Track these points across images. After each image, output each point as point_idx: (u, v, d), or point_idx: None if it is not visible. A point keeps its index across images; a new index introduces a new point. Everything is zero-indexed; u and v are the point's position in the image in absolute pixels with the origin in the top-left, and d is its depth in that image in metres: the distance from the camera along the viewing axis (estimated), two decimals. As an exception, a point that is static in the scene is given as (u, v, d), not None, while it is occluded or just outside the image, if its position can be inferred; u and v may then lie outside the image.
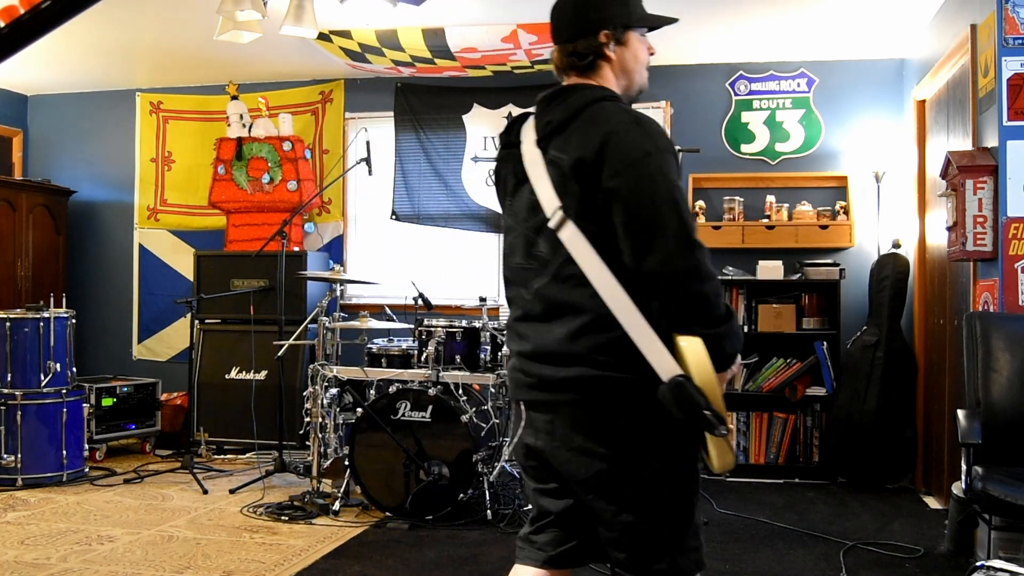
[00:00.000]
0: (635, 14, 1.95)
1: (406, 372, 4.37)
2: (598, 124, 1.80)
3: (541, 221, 1.84)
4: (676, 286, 1.72)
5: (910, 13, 4.71)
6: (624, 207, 1.74)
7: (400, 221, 6.16)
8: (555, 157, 1.83)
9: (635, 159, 1.75)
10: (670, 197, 1.73)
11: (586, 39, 1.90)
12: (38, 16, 1.09)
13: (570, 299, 1.81)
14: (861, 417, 4.93)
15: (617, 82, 1.94)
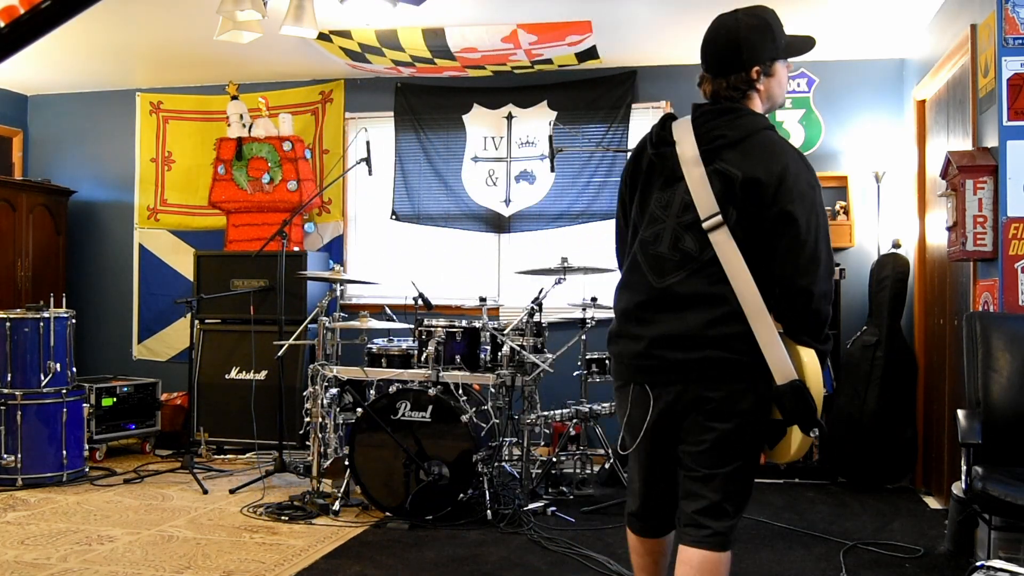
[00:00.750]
0: (781, 46, 2.23)
1: (406, 372, 4.37)
2: (776, 154, 2.09)
3: (693, 219, 2.10)
4: (812, 303, 2.06)
5: (910, 13, 4.71)
6: (796, 231, 2.04)
7: (400, 221, 6.16)
8: (724, 169, 2.09)
9: (807, 193, 2.06)
10: (826, 231, 2.09)
11: (738, 75, 2.19)
12: (38, 16, 1.09)
13: (710, 292, 2.08)
14: (861, 417, 4.93)
15: (762, 106, 2.23)
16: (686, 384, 2.11)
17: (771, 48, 2.20)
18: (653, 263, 2.18)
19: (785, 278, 2.06)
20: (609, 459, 4.89)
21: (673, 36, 5.24)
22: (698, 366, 2.08)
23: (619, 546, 3.75)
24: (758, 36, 2.21)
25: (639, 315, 2.18)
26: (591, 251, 5.61)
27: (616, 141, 5.79)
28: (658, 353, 2.12)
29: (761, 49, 2.19)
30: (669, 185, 2.18)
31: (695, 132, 2.16)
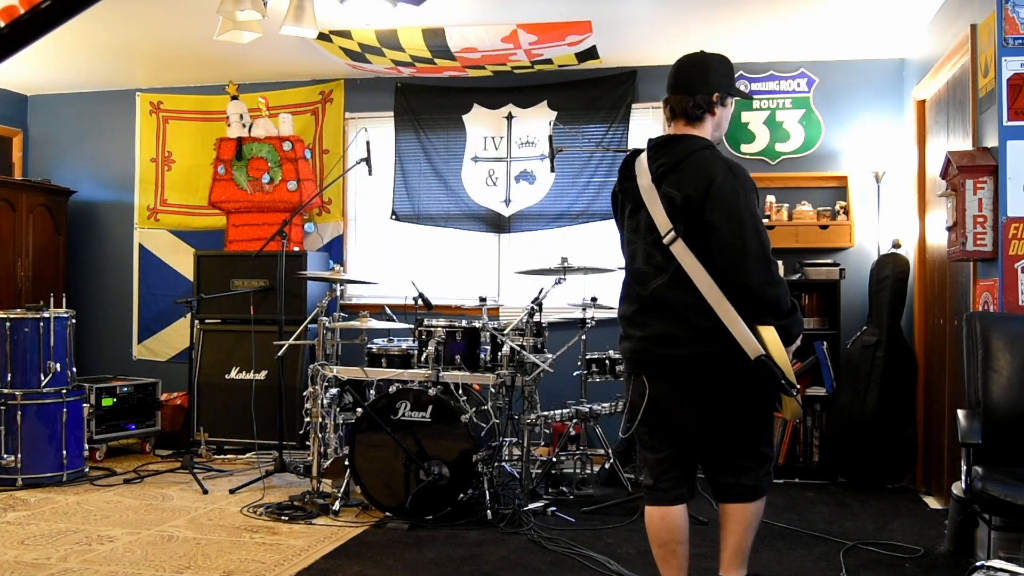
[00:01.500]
0: (734, 88, 2.73)
1: (406, 372, 4.37)
2: (703, 170, 2.52)
3: (657, 237, 2.57)
4: (756, 293, 2.49)
5: (910, 13, 4.71)
6: (719, 235, 2.47)
7: (400, 221, 6.16)
8: (668, 192, 2.54)
9: (729, 198, 2.47)
10: (753, 227, 2.48)
11: (704, 95, 2.62)
12: (38, 16, 1.09)
13: (682, 297, 2.53)
14: (861, 417, 4.93)
15: (712, 133, 2.67)
16: (679, 375, 2.58)
17: (728, 83, 2.69)
18: (637, 276, 2.66)
19: (724, 276, 2.49)
20: (609, 459, 4.89)
21: (673, 36, 5.24)
22: (689, 361, 2.55)
23: (619, 546, 3.75)
24: (724, 69, 2.70)
25: (635, 320, 2.66)
26: (591, 251, 5.62)
27: (616, 141, 5.79)
28: (650, 349, 2.61)
29: (723, 80, 2.67)
30: (636, 212, 2.67)
31: (648, 163, 2.62)
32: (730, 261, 2.47)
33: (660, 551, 2.69)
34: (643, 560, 3.56)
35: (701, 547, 3.76)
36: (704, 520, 4.15)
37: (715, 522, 4.14)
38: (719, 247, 2.47)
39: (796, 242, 5.35)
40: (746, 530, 2.73)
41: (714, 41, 5.32)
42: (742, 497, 2.69)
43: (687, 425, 2.63)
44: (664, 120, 2.75)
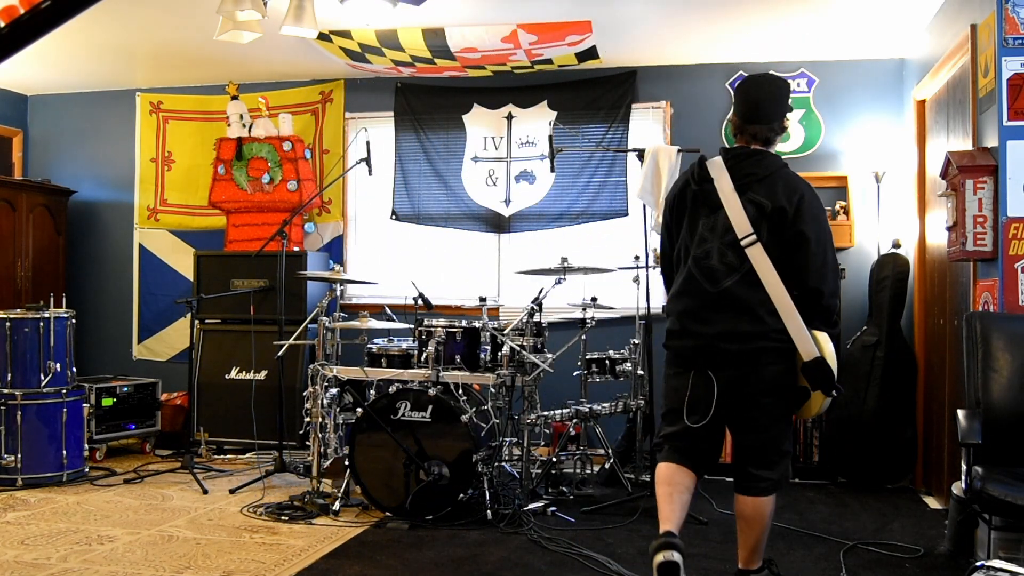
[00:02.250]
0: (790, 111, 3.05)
1: (406, 372, 4.37)
2: (793, 186, 2.82)
3: (733, 238, 2.81)
4: (825, 299, 2.79)
5: (910, 13, 4.71)
6: (810, 247, 2.76)
7: (400, 221, 6.16)
8: (756, 199, 2.81)
9: (818, 216, 2.81)
10: (832, 243, 2.84)
11: (779, 121, 2.95)
12: (38, 16, 1.09)
13: (753, 295, 2.78)
14: (861, 417, 4.93)
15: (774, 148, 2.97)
16: (739, 369, 2.80)
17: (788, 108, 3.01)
18: (707, 274, 2.86)
19: (803, 282, 2.76)
20: (609, 459, 4.89)
21: (673, 36, 5.24)
22: (751, 355, 2.78)
23: (619, 546, 3.75)
24: (788, 95, 3.01)
25: (700, 315, 2.86)
26: (591, 251, 5.62)
27: (616, 141, 5.79)
28: (716, 345, 2.82)
29: (788, 104, 2.99)
30: (712, 212, 2.88)
31: (728, 171, 2.86)
32: (817, 270, 2.76)
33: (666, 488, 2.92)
34: (643, 560, 3.56)
35: (701, 547, 3.76)
36: (704, 520, 4.15)
37: (715, 522, 4.16)
38: (806, 257, 2.76)
39: (796, 242, 5.34)
40: (767, 525, 2.91)
41: (714, 41, 5.33)
42: (767, 490, 2.86)
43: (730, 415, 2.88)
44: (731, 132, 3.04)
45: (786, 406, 2.86)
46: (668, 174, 5.27)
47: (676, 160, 5.18)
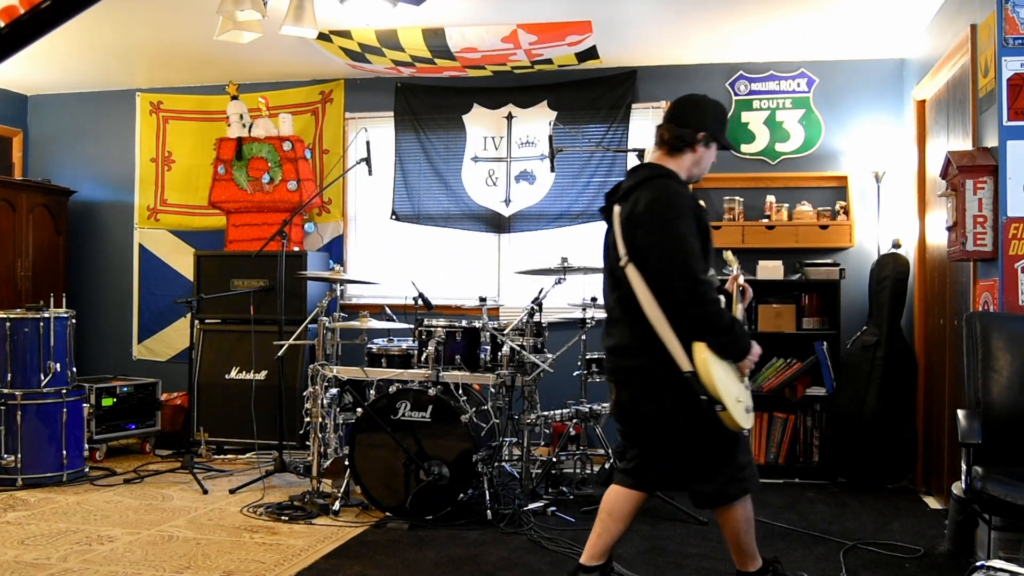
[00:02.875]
0: (723, 135, 2.92)
1: (406, 372, 4.37)
2: (646, 194, 2.71)
3: (617, 256, 2.79)
4: (683, 312, 2.65)
5: (910, 13, 4.71)
6: (650, 258, 2.68)
7: (400, 221, 6.16)
8: (622, 212, 2.78)
9: (662, 222, 2.66)
10: (677, 250, 2.63)
11: (691, 130, 2.81)
12: (38, 16, 1.09)
13: (630, 314, 2.74)
14: (861, 417, 4.93)
15: (689, 169, 2.86)
16: (628, 383, 2.82)
17: (718, 129, 2.86)
18: (605, 290, 2.93)
19: (657, 296, 2.68)
20: (609, 459, 4.89)
21: (673, 36, 5.24)
22: (633, 371, 2.78)
23: (619, 546, 3.74)
24: (718, 115, 2.89)
25: (605, 329, 2.94)
26: (591, 251, 5.61)
27: (616, 141, 5.79)
28: (610, 358, 2.90)
29: (714, 124, 2.85)
30: (608, 230, 2.91)
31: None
32: (658, 282, 2.67)
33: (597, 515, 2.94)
34: (643, 560, 3.56)
35: (701, 547, 3.76)
36: (704, 520, 4.15)
37: (715, 522, 4.15)
38: (650, 268, 2.68)
39: (796, 242, 5.35)
40: (740, 530, 2.86)
41: (714, 41, 5.33)
42: (705, 503, 2.86)
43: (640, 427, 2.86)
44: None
45: (696, 419, 2.70)
46: (668, 174, 5.25)
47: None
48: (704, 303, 2.64)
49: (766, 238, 5.39)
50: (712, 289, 2.67)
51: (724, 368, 2.69)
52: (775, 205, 5.47)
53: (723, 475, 2.78)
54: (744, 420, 2.72)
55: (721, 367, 2.67)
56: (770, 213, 5.47)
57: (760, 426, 5.32)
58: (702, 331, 2.64)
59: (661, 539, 3.87)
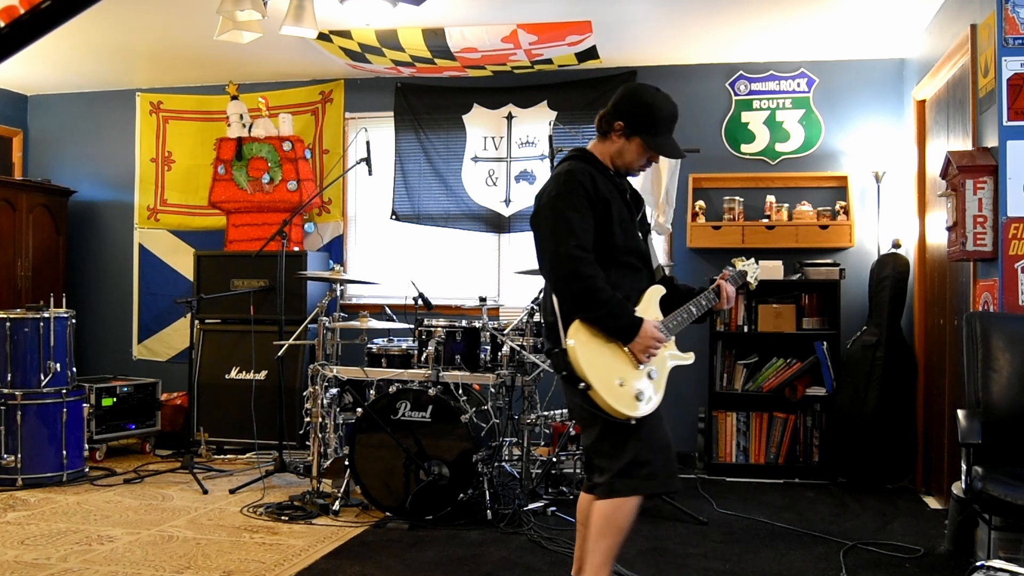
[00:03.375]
0: (651, 136, 2.69)
1: (406, 372, 4.37)
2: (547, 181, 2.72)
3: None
4: (557, 288, 2.60)
5: (910, 13, 4.71)
6: (536, 239, 2.65)
7: (400, 221, 6.16)
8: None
9: (549, 203, 2.62)
10: (552, 224, 2.58)
11: (613, 117, 2.69)
12: (38, 16, 1.09)
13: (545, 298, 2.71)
14: (861, 417, 4.93)
15: (611, 157, 2.73)
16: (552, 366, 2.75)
17: (644, 126, 2.68)
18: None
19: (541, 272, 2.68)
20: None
21: (673, 36, 5.24)
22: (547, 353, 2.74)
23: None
24: (654, 113, 2.68)
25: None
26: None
27: (616, 141, 5.78)
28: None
29: (638, 118, 2.68)
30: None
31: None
32: (544, 263, 2.62)
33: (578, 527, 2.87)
34: (643, 560, 3.56)
35: (701, 547, 3.76)
36: (704, 520, 4.15)
37: (715, 522, 4.16)
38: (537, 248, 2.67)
39: (796, 242, 5.35)
40: (595, 531, 2.64)
41: (714, 41, 5.33)
42: (593, 490, 2.69)
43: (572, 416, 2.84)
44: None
45: (586, 405, 2.58)
46: (668, 174, 5.27)
47: (676, 160, 5.17)
48: (573, 278, 2.54)
49: (766, 238, 5.39)
50: (586, 264, 2.53)
51: (609, 349, 2.56)
52: (775, 205, 5.47)
53: (613, 469, 2.59)
54: (625, 406, 2.54)
55: (602, 347, 2.56)
56: (770, 213, 5.47)
57: (760, 426, 5.32)
58: (574, 307, 2.56)
59: (661, 539, 3.87)
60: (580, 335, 2.55)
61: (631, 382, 2.57)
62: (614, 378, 2.55)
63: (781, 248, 5.38)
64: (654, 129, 2.68)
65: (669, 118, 2.71)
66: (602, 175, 2.68)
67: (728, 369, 5.42)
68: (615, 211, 2.65)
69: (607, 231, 2.63)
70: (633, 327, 2.56)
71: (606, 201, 2.63)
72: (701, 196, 5.60)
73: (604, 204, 2.62)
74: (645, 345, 2.57)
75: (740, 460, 5.34)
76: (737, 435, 5.34)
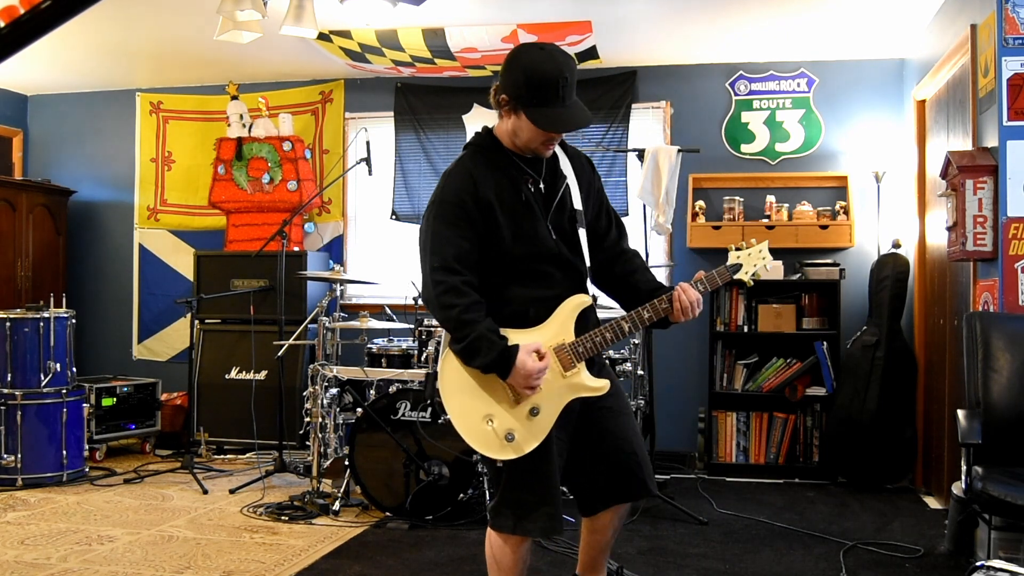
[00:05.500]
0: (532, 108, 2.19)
1: (406, 372, 4.37)
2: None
3: None
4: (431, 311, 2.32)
5: (910, 13, 4.71)
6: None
7: (400, 221, 6.16)
8: None
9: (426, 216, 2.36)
10: (423, 242, 2.33)
11: (499, 91, 2.25)
12: (38, 16, 1.09)
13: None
14: (861, 417, 4.93)
15: (509, 136, 2.30)
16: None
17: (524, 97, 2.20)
18: None
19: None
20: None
21: (673, 36, 5.24)
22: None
23: (619, 546, 3.75)
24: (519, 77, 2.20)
25: None
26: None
27: (616, 141, 5.79)
28: None
29: (517, 88, 2.21)
30: None
31: None
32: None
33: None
34: (643, 560, 3.56)
35: (701, 547, 3.77)
36: (704, 520, 4.15)
37: (715, 522, 4.16)
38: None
39: (796, 242, 5.35)
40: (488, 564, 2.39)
41: (714, 41, 5.33)
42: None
43: None
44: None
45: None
46: (668, 174, 5.27)
47: (676, 160, 5.18)
48: (435, 307, 2.25)
49: (766, 238, 5.32)
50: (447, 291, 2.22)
51: (484, 380, 2.22)
52: (775, 205, 5.47)
53: (495, 498, 2.33)
54: (489, 448, 2.21)
55: (475, 377, 2.23)
56: (770, 213, 5.47)
57: (760, 426, 5.32)
58: (449, 334, 2.27)
59: (661, 539, 3.87)
60: (453, 360, 2.26)
61: (502, 421, 2.21)
62: (480, 415, 2.22)
63: (781, 248, 5.33)
64: (532, 98, 2.18)
65: (550, 82, 2.16)
66: (493, 166, 2.29)
67: (728, 369, 5.42)
68: (502, 214, 2.25)
69: (494, 238, 2.25)
70: (503, 361, 2.16)
71: (488, 205, 2.24)
72: (701, 196, 5.60)
73: (485, 208, 2.24)
74: (521, 380, 2.17)
75: (740, 460, 5.34)
76: (737, 435, 5.34)
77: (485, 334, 2.18)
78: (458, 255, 2.24)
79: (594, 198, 2.45)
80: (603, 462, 2.36)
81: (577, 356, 2.23)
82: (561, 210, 2.33)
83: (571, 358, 2.23)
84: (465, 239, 2.25)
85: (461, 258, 2.24)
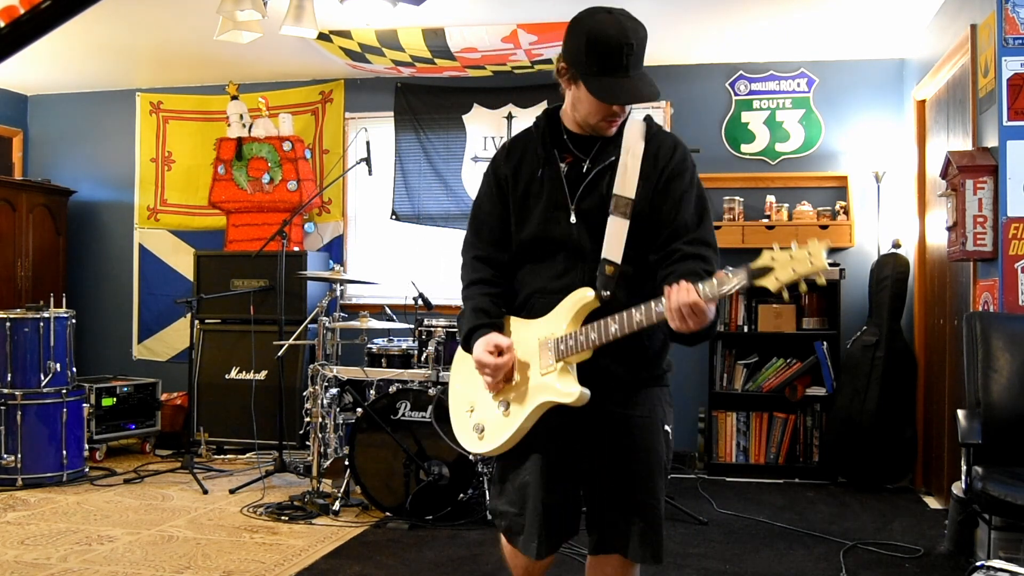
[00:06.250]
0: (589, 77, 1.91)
1: (406, 372, 4.37)
2: None
3: None
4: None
5: (910, 13, 4.71)
6: None
7: (400, 221, 6.16)
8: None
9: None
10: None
11: (559, 60, 1.98)
12: (38, 16, 1.09)
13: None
14: (861, 417, 4.93)
15: (570, 111, 2.03)
16: None
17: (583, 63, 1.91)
18: None
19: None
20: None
21: (673, 36, 5.24)
22: None
23: (619, 546, 3.75)
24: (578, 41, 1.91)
25: None
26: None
27: (616, 141, 5.78)
28: None
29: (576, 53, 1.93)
30: None
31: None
32: None
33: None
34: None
35: (701, 547, 3.77)
36: (704, 520, 4.15)
37: (715, 522, 4.16)
38: None
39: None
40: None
41: (714, 41, 5.33)
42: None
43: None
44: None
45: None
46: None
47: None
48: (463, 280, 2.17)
49: (766, 238, 5.38)
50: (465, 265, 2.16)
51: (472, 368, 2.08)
52: (775, 205, 5.47)
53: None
54: (463, 438, 2.13)
55: (468, 364, 2.11)
56: (770, 213, 5.47)
57: (760, 426, 5.32)
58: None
59: (661, 539, 3.87)
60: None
61: (478, 412, 2.09)
62: (466, 403, 2.13)
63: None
64: (592, 65, 1.90)
65: (613, 48, 1.87)
66: (532, 141, 2.10)
67: (728, 369, 5.42)
68: (513, 192, 2.10)
69: (517, 218, 2.10)
70: (466, 344, 2.07)
71: (505, 180, 2.10)
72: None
73: (503, 183, 2.11)
74: (478, 369, 2.03)
75: (740, 460, 5.34)
76: (737, 435, 5.34)
77: (467, 312, 2.09)
78: (479, 228, 2.17)
79: (662, 190, 2.00)
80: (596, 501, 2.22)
81: (557, 354, 1.96)
82: (590, 193, 2.01)
83: (550, 356, 1.97)
84: (490, 213, 2.14)
85: (481, 231, 2.16)
